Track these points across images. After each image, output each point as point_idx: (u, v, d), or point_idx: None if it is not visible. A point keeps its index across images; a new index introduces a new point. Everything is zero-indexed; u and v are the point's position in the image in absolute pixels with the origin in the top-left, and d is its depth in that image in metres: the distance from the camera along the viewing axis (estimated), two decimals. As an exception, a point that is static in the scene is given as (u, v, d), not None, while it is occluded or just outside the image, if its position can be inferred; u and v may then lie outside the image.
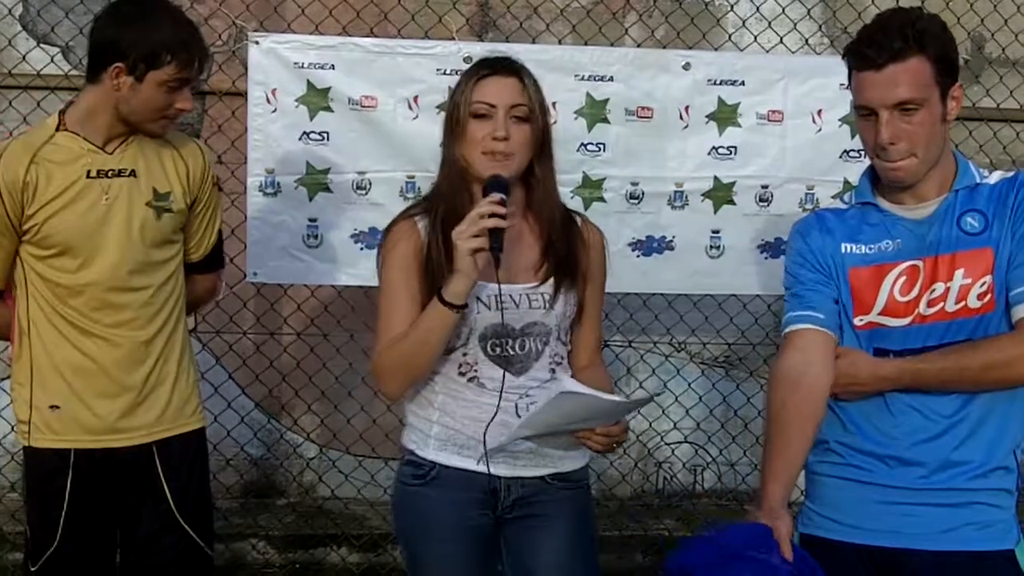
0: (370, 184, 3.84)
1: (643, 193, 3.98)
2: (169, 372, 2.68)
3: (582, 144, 3.91)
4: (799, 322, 2.28)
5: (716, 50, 4.41)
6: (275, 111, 3.77)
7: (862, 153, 3.07)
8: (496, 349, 2.38)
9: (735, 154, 4.00)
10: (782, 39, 4.53)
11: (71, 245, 2.54)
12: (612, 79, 3.91)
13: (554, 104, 3.62)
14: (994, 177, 2.25)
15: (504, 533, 2.46)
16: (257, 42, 3.77)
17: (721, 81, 3.96)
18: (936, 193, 2.23)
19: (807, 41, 4.61)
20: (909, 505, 2.20)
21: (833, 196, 3.95)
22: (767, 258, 4.05)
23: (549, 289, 2.41)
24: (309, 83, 3.77)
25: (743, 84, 3.97)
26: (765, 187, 4.03)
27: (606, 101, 3.91)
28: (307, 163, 3.80)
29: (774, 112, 4.00)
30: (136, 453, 2.65)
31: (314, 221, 3.84)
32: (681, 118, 3.96)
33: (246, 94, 3.81)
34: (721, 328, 4.63)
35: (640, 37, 4.54)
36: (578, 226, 2.51)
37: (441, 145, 2.46)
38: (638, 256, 4.01)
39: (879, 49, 2.12)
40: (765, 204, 4.04)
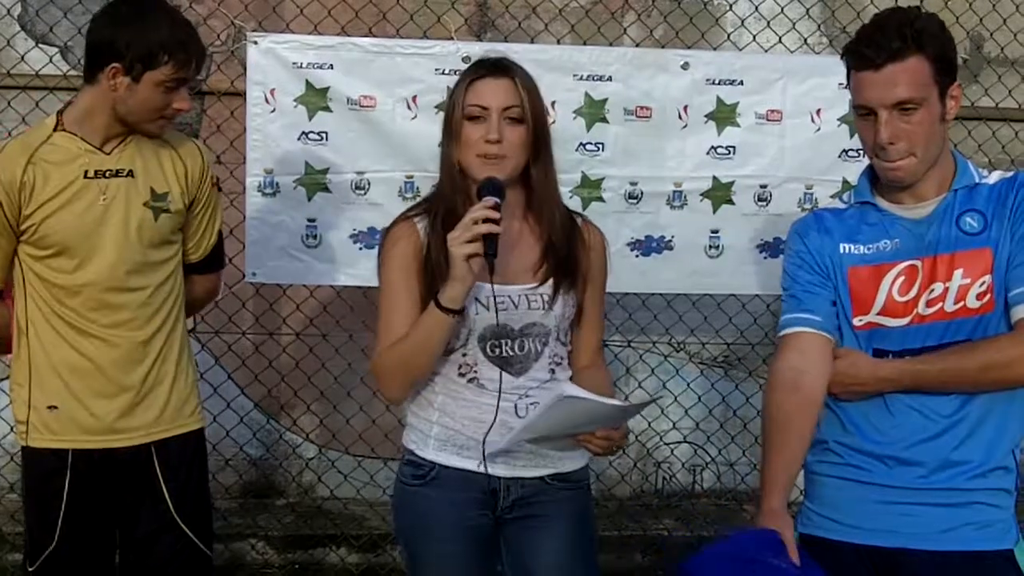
0: (369, 184, 3.84)
1: (642, 193, 3.97)
2: (167, 372, 2.68)
3: (581, 144, 3.90)
4: (796, 324, 2.28)
5: (715, 50, 4.41)
6: (274, 111, 3.76)
7: (861, 153, 3.07)
8: (495, 350, 2.38)
9: (734, 154, 3.99)
10: (781, 39, 4.53)
11: (68, 245, 2.54)
12: (611, 79, 3.90)
13: (553, 104, 3.66)
14: (993, 177, 2.25)
15: (504, 533, 2.45)
16: (256, 42, 3.76)
17: (720, 81, 3.95)
18: (935, 193, 2.22)
19: (806, 41, 4.61)
20: (908, 505, 2.20)
21: (832, 196, 3.95)
22: (766, 258, 4.04)
23: (548, 290, 2.41)
24: (308, 83, 3.77)
25: (742, 84, 3.96)
26: (764, 187, 4.02)
27: (605, 101, 3.90)
28: (306, 163, 3.79)
29: (773, 112, 3.99)
30: (135, 453, 2.65)
31: (313, 221, 3.84)
32: (680, 118, 3.95)
33: (245, 94, 3.80)
34: (720, 328, 4.62)
35: (639, 37, 4.54)
36: (579, 227, 2.50)
37: (440, 147, 2.46)
38: (637, 256, 4.00)
39: (878, 49, 2.12)
40: (764, 204, 4.03)
